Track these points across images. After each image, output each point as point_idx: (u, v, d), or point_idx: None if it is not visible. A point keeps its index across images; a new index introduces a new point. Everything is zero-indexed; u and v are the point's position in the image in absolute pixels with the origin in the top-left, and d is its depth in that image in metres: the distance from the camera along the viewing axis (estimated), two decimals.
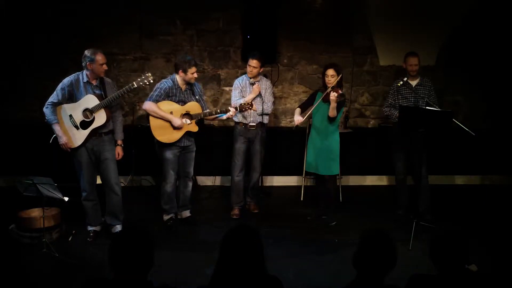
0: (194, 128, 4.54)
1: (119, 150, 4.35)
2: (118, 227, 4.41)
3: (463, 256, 2.24)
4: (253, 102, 4.73)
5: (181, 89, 4.51)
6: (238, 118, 4.89)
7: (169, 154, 4.54)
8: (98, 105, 4.11)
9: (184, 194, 4.80)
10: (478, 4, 5.83)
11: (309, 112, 4.77)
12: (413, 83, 4.86)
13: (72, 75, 4.18)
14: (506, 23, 6.08)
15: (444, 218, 4.96)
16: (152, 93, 4.48)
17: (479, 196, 5.93)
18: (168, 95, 4.45)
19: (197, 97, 4.59)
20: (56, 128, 4.13)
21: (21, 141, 5.73)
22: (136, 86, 4.21)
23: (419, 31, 5.85)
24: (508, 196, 5.81)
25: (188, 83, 4.52)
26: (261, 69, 4.91)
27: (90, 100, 4.13)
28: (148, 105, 4.40)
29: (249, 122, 4.89)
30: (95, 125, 4.15)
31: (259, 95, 4.85)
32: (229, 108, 4.59)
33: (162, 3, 5.89)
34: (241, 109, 4.59)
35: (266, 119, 5.02)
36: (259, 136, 4.97)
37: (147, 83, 4.27)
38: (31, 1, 5.65)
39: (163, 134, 4.45)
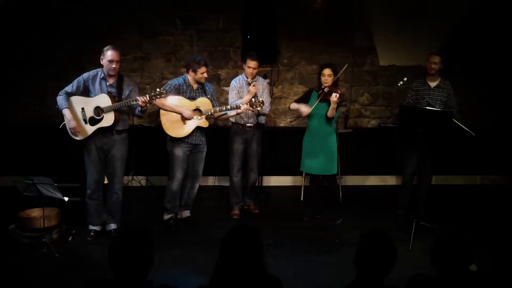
0: (205, 124, 4.55)
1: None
2: (113, 225, 4.44)
3: (464, 260, 2.24)
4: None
5: (192, 87, 4.56)
6: (236, 118, 4.89)
7: (179, 151, 4.54)
8: (109, 106, 4.13)
9: (189, 194, 4.80)
10: (478, 4, 5.83)
11: (312, 108, 4.69)
12: (432, 84, 4.82)
13: (93, 70, 4.22)
14: (506, 23, 6.08)
15: (444, 218, 4.96)
16: (163, 87, 4.51)
17: (479, 196, 5.93)
18: (179, 92, 4.50)
19: (208, 96, 4.62)
20: (66, 112, 4.13)
21: (21, 141, 5.73)
22: (148, 99, 4.17)
23: (419, 31, 5.85)
24: (508, 196, 5.81)
25: (199, 83, 4.57)
26: (259, 69, 4.90)
27: (103, 100, 4.14)
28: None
29: (246, 123, 4.89)
30: (101, 125, 4.16)
31: (256, 95, 4.84)
32: (240, 105, 4.60)
33: (162, 3, 5.89)
34: (253, 105, 4.58)
35: (263, 120, 5.01)
36: (256, 137, 4.97)
37: (159, 97, 4.21)
38: (31, 1, 5.65)
39: (173, 128, 4.47)
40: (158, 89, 4.20)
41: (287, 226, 4.83)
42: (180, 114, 4.47)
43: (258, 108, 4.64)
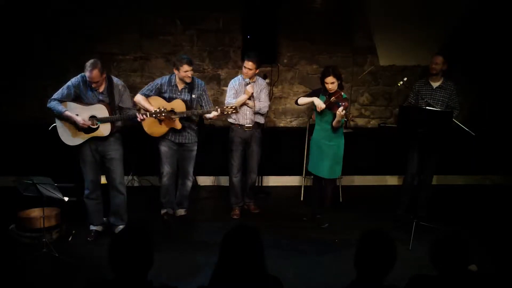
0: (177, 125, 4.54)
1: None
2: (121, 227, 4.39)
3: (464, 260, 2.24)
4: (248, 100, 4.73)
5: (177, 86, 4.55)
6: (234, 119, 4.88)
7: (163, 147, 4.65)
8: (106, 118, 4.11)
9: (181, 192, 4.84)
10: (478, 4, 5.82)
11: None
12: (435, 84, 4.82)
13: (79, 75, 4.16)
14: (506, 23, 6.08)
15: (444, 218, 4.96)
16: (146, 87, 4.64)
17: (479, 196, 5.93)
18: (160, 91, 4.54)
19: (193, 96, 4.58)
20: (68, 114, 4.08)
21: (21, 141, 5.73)
22: (148, 117, 4.28)
23: (419, 31, 5.85)
24: (508, 196, 5.81)
25: (187, 82, 4.53)
26: (257, 70, 4.85)
27: (100, 110, 4.12)
28: (137, 97, 4.54)
29: (245, 123, 4.87)
30: (97, 134, 4.15)
31: (253, 95, 4.79)
32: (212, 111, 4.54)
33: (162, 3, 5.88)
34: (223, 112, 4.51)
35: (262, 120, 4.98)
36: (255, 137, 4.95)
37: (159, 115, 4.30)
38: (31, 1, 5.65)
39: (150, 127, 4.55)
40: (159, 108, 4.29)
41: (287, 226, 4.83)
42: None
43: (230, 114, 4.58)
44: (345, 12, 6.11)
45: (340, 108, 4.36)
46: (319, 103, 4.53)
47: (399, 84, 4.78)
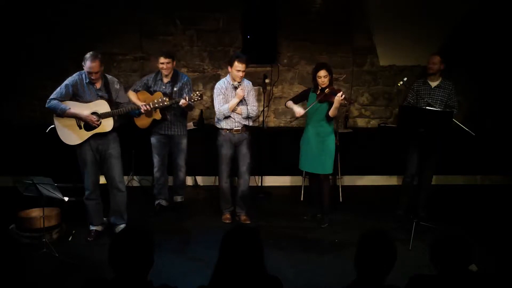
0: (157, 116, 4.79)
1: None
2: (122, 227, 4.38)
3: (464, 260, 2.24)
4: (237, 106, 4.63)
5: (162, 81, 4.80)
6: (221, 124, 4.72)
7: (153, 140, 4.97)
8: (109, 113, 4.12)
9: (176, 183, 5.14)
10: (478, 4, 5.83)
11: (307, 110, 4.72)
12: (433, 84, 4.82)
13: (75, 74, 4.16)
14: (506, 23, 6.08)
15: (444, 218, 4.96)
16: (137, 82, 5.02)
17: (479, 196, 5.93)
18: (147, 86, 4.88)
19: (175, 89, 4.74)
20: (72, 111, 4.06)
21: (21, 141, 5.73)
22: (152, 108, 4.40)
23: (419, 31, 5.85)
24: (508, 196, 5.81)
25: (172, 77, 4.78)
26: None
27: (102, 105, 4.12)
28: (129, 93, 4.81)
29: (234, 127, 4.70)
30: (99, 130, 4.14)
31: (244, 98, 4.64)
32: (181, 99, 4.56)
33: (162, 3, 5.89)
34: (190, 99, 4.53)
35: (250, 122, 4.79)
36: (245, 140, 4.77)
37: (161, 105, 4.41)
38: (31, 1, 5.65)
39: (139, 120, 4.85)
40: (161, 98, 4.43)
41: (287, 226, 4.83)
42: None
43: (196, 101, 4.59)
44: (345, 12, 6.11)
45: (339, 93, 4.39)
46: (298, 111, 4.68)
47: (399, 84, 4.77)
